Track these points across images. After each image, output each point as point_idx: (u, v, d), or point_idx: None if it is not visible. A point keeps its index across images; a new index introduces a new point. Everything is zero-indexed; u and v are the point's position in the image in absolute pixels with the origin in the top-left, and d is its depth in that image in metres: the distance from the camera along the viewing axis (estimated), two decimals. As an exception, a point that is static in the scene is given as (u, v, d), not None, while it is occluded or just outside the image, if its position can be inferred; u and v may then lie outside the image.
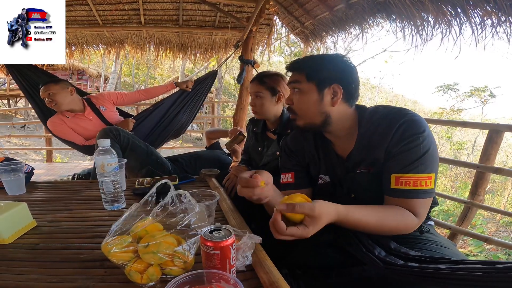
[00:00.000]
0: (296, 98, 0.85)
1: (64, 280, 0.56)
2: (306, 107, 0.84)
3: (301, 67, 0.85)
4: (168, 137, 2.47)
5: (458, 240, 2.02)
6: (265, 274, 0.57)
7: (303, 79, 0.83)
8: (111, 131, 1.64)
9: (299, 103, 0.85)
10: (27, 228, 0.81)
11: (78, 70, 11.09)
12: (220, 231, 0.52)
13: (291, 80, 0.86)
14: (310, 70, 0.83)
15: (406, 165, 0.74)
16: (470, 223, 2.01)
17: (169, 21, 3.15)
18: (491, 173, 1.92)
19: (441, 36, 2.04)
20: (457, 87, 8.74)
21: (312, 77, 0.82)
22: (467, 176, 6.11)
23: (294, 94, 0.86)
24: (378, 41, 21.83)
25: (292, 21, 2.99)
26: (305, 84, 0.83)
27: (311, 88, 0.82)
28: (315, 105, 0.82)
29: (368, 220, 0.71)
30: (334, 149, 0.90)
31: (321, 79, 0.82)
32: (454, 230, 1.96)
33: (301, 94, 0.84)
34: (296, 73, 0.85)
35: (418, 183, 0.73)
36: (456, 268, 0.59)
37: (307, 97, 0.83)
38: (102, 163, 0.89)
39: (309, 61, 0.85)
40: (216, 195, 0.79)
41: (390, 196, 0.77)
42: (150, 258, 0.53)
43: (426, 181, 0.74)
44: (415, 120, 0.76)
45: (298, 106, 0.85)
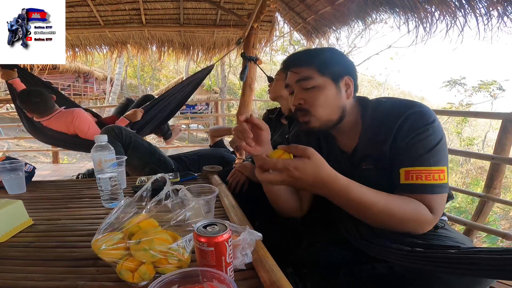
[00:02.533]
0: (311, 95, 0.76)
1: (54, 278, 0.54)
2: (325, 104, 0.76)
3: (309, 61, 0.77)
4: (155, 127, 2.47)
5: (473, 236, 1.92)
6: (266, 273, 0.54)
7: (315, 74, 0.76)
8: (113, 129, 1.64)
9: (316, 100, 0.76)
10: (22, 226, 0.79)
11: (84, 73, 11.24)
12: (215, 226, 0.49)
13: (300, 77, 0.77)
14: (321, 63, 0.76)
15: (416, 158, 0.68)
16: (487, 218, 1.92)
17: (170, 20, 3.15)
18: (507, 164, 1.83)
19: (446, 28, 1.99)
20: (464, 82, 8.56)
21: (325, 71, 0.76)
22: (478, 172, 5.97)
23: (306, 92, 0.77)
24: (383, 38, 21.58)
25: (294, 17, 2.95)
26: (319, 79, 0.76)
27: (327, 82, 0.76)
28: (335, 100, 0.77)
29: (373, 201, 0.63)
30: (338, 145, 0.85)
31: (335, 71, 0.77)
32: (470, 226, 1.86)
33: (318, 90, 0.76)
34: (303, 68, 0.77)
35: (431, 176, 0.67)
36: (467, 251, 0.55)
37: (326, 93, 0.75)
38: (99, 160, 0.87)
39: (317, 54, 0.78)
40: (215, 189, 0.76)
41: (402, 193, 0.70)
42: (142, 255, 0.50)
43: (440, 174, 0.67)
44: (423, 111, 0.70)
45: (315, 104, 0.76)
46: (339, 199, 0.64)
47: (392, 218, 0.65)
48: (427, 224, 0.68)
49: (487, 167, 1.90)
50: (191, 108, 11.09)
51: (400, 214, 0.65)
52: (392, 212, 0.64)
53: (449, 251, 0.56)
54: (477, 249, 0.56)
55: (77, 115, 2.09)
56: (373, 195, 0.64)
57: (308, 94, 0.77)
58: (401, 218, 0.65)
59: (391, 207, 0.64)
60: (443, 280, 0.61)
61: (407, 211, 0.65)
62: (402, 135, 0.70)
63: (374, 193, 0.65)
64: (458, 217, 2.04)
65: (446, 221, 0.87)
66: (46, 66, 3.78)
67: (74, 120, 2.07)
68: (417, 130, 0.69)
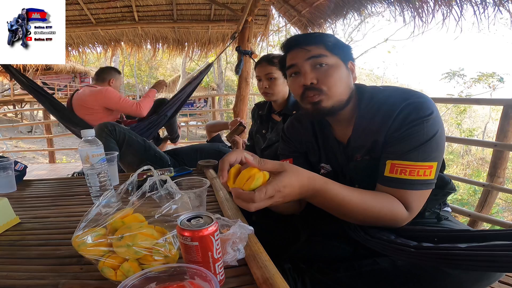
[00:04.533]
0: (325, 73, 0.71)
1: (35, 277, 0.51)
2: (339, 82, 0.72)
3: (319, 40, 0.73)
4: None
5: (478, 228, 1.86)
6: (259, 269, 0.50)
7: (327, 52, 0.72)
8: (106, 126, 1.61)
9: (330, 78, 0.71)
10: (8, 225, 0.76)
11: (80, 73, 11.16)
12: (200, 219, 0.46)
13: (313, 54, 0.72)
14: (331, 43, 0.73)
15: (405, 152, 0.65)
16: (491, 208, 1.87)
17: (164, 17, 3.10)
18: (511, 151, 1.78)
19: (442, 18, 1.96)
20: (463, 73, 8.52)
21: (335, 50, 0.73)
22: (479, 163, 5.95)
23: (318, 70, 0.72)
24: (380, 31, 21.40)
25: (289, 10, 2.91)
26: (331, 57, 0.72)
27: (339, 62, 0.73)
28: (347, 80, 0.74)
29: (350, 199, 0.61)
30: (334, 135, 0.82)
31: (343, 53, 0.74)
32: (474, 217, 1.81)
33: (332, 68, 0.72)
34: (313, 46, 0.72)
35: (416, 172, 0.64)
36: (479, 247, 0.52)
37: (339, 71, 0.72)
38: (87, 155, 0.84)
39: (324, 36, 0.75)
40: (206, 182, 0.73)
41: (382, 185, 0.68)
42: (125, 252, 0.47)
43: (426, 170, 0.64)
44: (421, 102, 0.66)
45: (330, 81, 0.71)
46: (316, 197, 0.61)
47: (368, 213, 0.63)
48: (401, 221, 0.66)
49: (488, 158, 1.87)
50: (190, 106, 11.04)
51: (376, 209, 0.63)
52: (368, 208, 0.63)
53: (458, 246, 0.53)
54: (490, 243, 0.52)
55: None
56: (350, 193, 0.62)
57: (321, 72, 0.72)
58: (377, 215, 0.63)
59: (367, 204, 0.63)
60: (450, 275, 0.59)
61: (381, 206, 0.64)
62: (396, 125, 0.67)
63: (351, 191, 0.62)
64: (462, 208, 1.98)
65: (449, 212, 0.84)
66: (40, 66, 3.73)
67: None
68: (412, 123, 0.65)
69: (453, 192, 0.78)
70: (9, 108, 10.69)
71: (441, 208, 0.78)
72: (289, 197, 0.55)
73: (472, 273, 0.59)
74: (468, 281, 0.60)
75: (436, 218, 0.76)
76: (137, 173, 0.62)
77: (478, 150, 7.66)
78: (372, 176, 0.73)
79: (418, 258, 0.56)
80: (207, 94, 11.96)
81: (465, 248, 0.52)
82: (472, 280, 0.61)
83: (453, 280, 0.59)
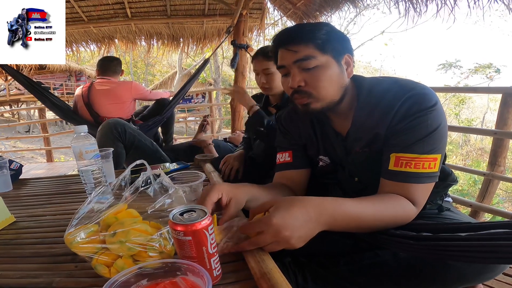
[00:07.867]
0: (313, 76, 0.68)
1: (29, 276, 0.51)
2: (329, 84, 0.69)
3: (307, 38, 0.67)
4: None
5: (479, 218, 1.84)
6: (256, 264, 0.49)
7: (316, 53, 0.67)
8: (116, 128, 1.55)
9: (318, 81, 0.68)
10: (3, 224, 0.75)
11: (75, 72, 11.06)
12: (193, 212, 0.45)
13: (299, 57, 0.67)
14: (321, 40, 0.67)
15: (409, 144, 0.64)
16: (492, 198, 1.85)
17: (157, 12, 3.05)
18: (511, 138, 1.76)
19: (436, 8, 1.96)
20: (460, 64, 8.50)
21: (326, 48, 0.67)
22: (478, 154, 5.96)
23: (307, 73, 0.68)
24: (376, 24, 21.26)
25: (284, 3, 2.87)
26: (321, 57, 0.67)
27: (330, 61, 0.68)
28: (338, 79, 0.70)
29: (362, 213, 0.59)
30: (333, 127, 0.80)
31: (336, 49, 0.69)
32: (475, 208, 1.78)
33: (320, 70, 0.68)
34: (301, 46, 0.68)
35: (421, 165, 0.63)
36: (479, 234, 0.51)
37: (329, 72, 0.68)
38: (80, 151, 0.83)
39: (314, 30, 0.68)
40: (201, 175, 0.72)
41: (387, 179, 0.67)
42: (118, 248, 0.46)
43: (430, 163, 0.63)
44: (425, 93, 0.65)
45: (318, 85, 0.68)
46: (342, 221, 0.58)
47: (381, 223, 0.62)
48: (411, 218, 0.65)
49: (488, 149, 1.86)
50: (188, 101, 10.98)
51: (389, 217, 0.62)
52: (382, 217, 0.61)
53: (458, 235, 0.52)
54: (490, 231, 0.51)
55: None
56: (361, 206, 0.60)
57: (309, 74, 0.68)
58: (389, 221, 0.62)
59: (381, 214, 0.61)
60: (452, 267, 0.58)
61: (396, 212, 0.62)
62: (399, 118, 0.66)
63: (361, 203, 0.60)
64: (463, 199, 1.94)
65: (450, 202, 0.84)
66: (34, 66, 3.68)
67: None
68: (415, 114, 0.64)
69: (454, 184, 0.78)
70: (6, 108, 10.61)
71: (442, 199, 0.78)
72: (299, 238, 0.54)
73: (474, 265, 0.59)
74: (471, 273, 0.59)
75: (437, 209, 0.75)
76: (130, 168, 0.61)
77: (477, 141, 7.68)
78: (372, 169, 0.72)
79: (419, 251, 0.55)
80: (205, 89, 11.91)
81: (465, 237, 0.51)
82: (475, 272, 0.60)
83: (455, 272, 0.58)
